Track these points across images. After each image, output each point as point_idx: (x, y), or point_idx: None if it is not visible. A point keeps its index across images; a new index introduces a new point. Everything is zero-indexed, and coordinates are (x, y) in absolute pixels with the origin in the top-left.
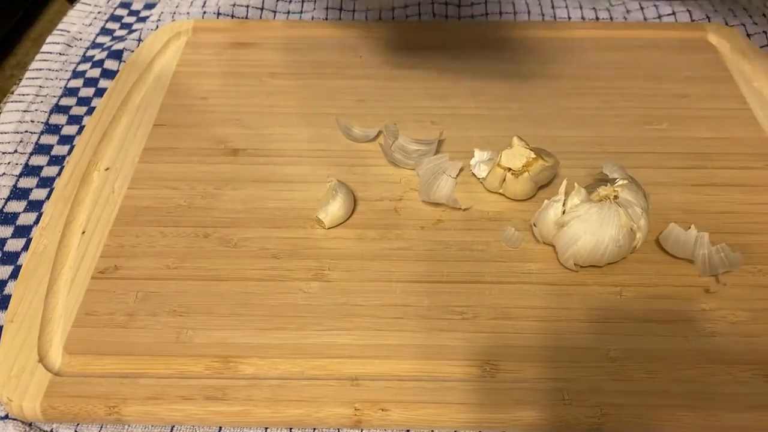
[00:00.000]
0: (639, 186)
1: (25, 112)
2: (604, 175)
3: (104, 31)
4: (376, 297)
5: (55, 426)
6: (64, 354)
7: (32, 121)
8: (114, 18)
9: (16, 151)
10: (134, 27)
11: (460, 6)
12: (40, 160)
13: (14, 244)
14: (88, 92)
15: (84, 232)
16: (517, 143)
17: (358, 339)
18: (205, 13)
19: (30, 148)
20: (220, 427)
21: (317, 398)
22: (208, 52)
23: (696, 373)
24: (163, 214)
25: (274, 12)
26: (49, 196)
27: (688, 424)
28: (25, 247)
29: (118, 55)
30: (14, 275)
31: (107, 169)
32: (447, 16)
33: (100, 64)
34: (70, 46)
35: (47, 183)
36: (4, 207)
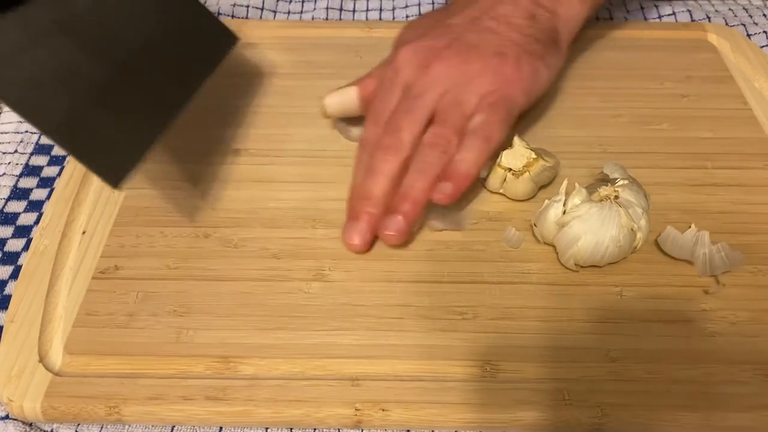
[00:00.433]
0: (640, 186)
1: None
2: (605, 175)
3: None
4: (377, 297)
5: (55, 426)
6: (65, 354)
7: None
8: None
9: (16, 151)
10: None
11: None
12: (41, 160)
13: (14, 244)
14: None
15: (84, 232)
16: (518, 143)
17: (359, 339)
18: None
19: (30, 148)
20: (221, 428)
21: (318, 398)
22: None
23: (696, 373)
24: (163, 214)
25: (274, 12)
26: (49, 196)
27: (688, 424)
28: (26, 247)
29: None
30: (14, 275)
31: None
32: None
33: None
34: None
35: (47, 183)
36: (4, 207)
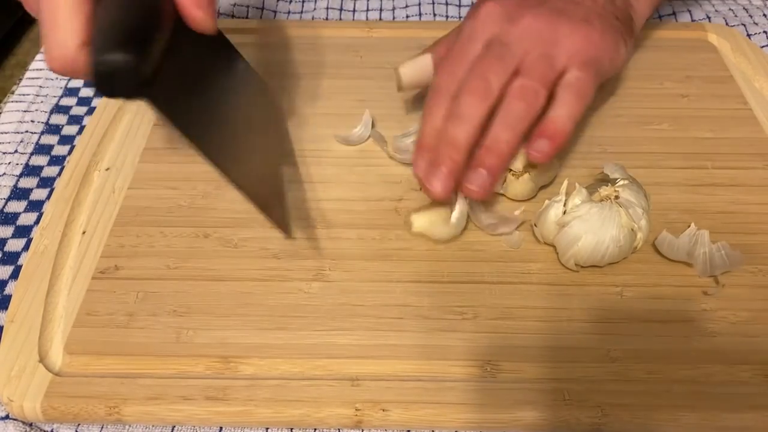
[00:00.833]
0: (640, 186)
1: (25, 112)
2: (605, 175)
3: None
4: (377, 297)
5: (55, 426)
6: (65, 354)
7: (32, 121)
8: None
9: (16, 151)
10: None
11: (460, 6)
12: (41, 160)
13: (14, 244)
14: (88, 92)
15: (84, 232)
16: None
17: (359, 339)
18: None
19: (30, 148)
20: (221, 428)
21: (318, 398)
22: None
23: (696, 373)
24: (163, 214)
25: (275, 12)
26: (49, 196)
27: (688, 424)
28: (26, 247)
29: None
30: (14, 275)
31: (108, 169)
32: (447, 17)
33: None
34: None
35: (48, 183)
36: (4, 207)
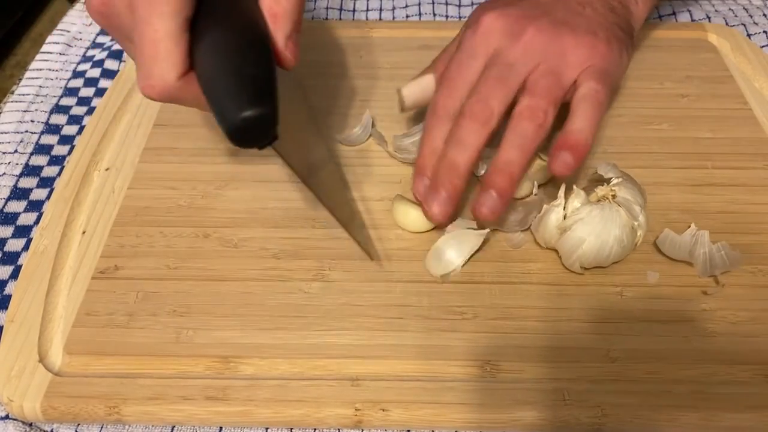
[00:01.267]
0: (634, 182)
1: (25, 112)
2: (599, 175)
3: (105, 31)
4: (377, 297)
5: (55, 426)
6: (65, 354)
7: (32, 121)
8: None
9: (16, 151)
10: None
11: (460, 6)
12: (41, 160)
13: (14, 244)
14: (88, 92)
15: (84, 232)
16: None
17: (359, 339)
18: None
19: (30, 148)
20: (221, 428)
21: (318, 398)
22: None
23: (696, 373)
24: (163, 214)
25: None
26: (49, 196)
27: (688, 424)
28: (26, 247)
29: (118, 55)
30: (14, 275)
31: (107, 169)
32: (447, 16)
33: (100, 64)
34: (70, 46)
35: (47, 183)
36: (4, 207)
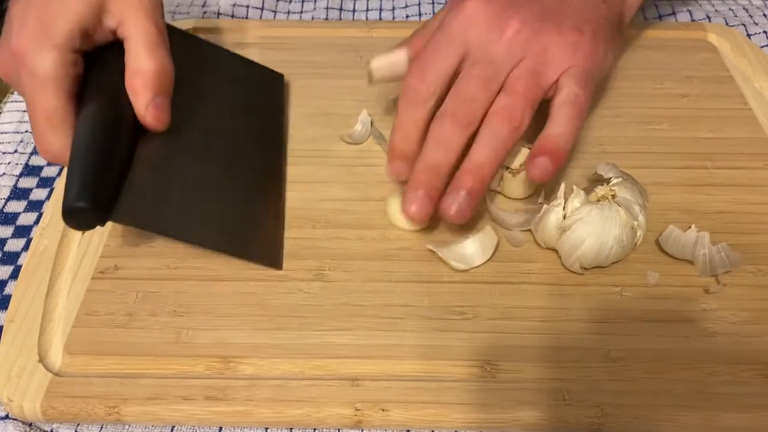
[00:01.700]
0: (635, 181)
1: (25, 112)
2: (599, 175)
3: None
4: (377, 297)
5: (55, 426)
6: (65, 354)
7: None
8: None
9: (16, 151)
10: None
11: None
12: (41, 160)
13: (14, 244)
14: None
15: (84, 232)
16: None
17: (359, 339)
18: (205, 13)
19: (30, 148)
20: (221, 428)
21: (318, 398)
22: None
23: (696, 373)
24: None
25: (274, 12)
26: (49, 196)
27: (688, 424)
28: (26, 247)
29: None
30: (14, 275)
31: None
32: None
33: None
34: None
35: (47, 183)
36: (4, 207)
